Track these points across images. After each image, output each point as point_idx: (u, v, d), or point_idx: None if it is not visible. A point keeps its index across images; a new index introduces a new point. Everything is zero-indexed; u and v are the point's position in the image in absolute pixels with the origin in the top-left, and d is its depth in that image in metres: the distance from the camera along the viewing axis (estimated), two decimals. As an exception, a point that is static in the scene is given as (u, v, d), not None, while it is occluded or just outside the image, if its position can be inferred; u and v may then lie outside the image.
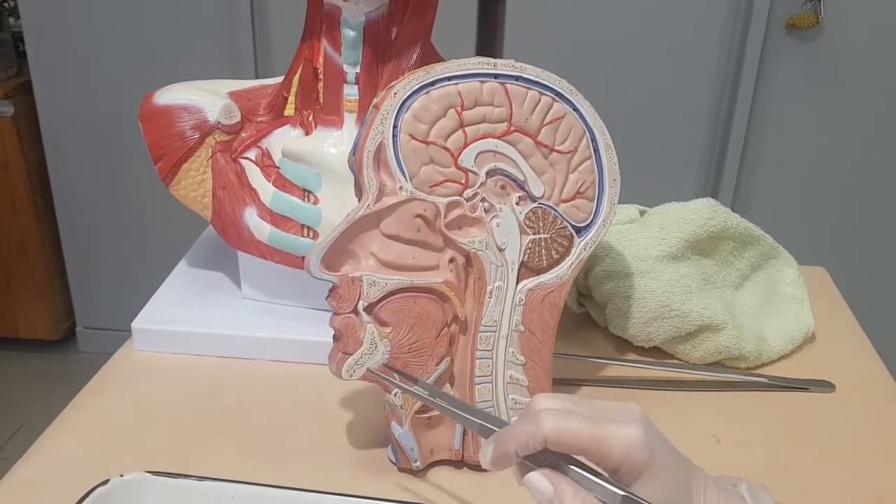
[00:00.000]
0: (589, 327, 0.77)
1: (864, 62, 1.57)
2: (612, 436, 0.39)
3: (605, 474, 0.40)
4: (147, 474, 0.51)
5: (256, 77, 1.61)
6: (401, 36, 0.66)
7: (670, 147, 1.67)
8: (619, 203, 0.77)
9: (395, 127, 0.54)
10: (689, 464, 0.42)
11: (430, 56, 0.69)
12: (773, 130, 1.64)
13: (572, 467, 0.40)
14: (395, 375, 0.55)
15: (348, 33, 0.65)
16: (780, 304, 0.76)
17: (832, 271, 0.92)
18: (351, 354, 0.55)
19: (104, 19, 1.65)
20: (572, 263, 0.59)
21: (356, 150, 0.54)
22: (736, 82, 1.59)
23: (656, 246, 0.71)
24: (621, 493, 0.39)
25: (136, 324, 0.72)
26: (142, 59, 1.68)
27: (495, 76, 0.55)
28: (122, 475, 0.50)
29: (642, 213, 0.77)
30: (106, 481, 0.50)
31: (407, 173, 0.54)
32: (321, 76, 0.67)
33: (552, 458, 0.40)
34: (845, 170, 1.67)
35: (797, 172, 1.68)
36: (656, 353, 0.74)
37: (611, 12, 1.56)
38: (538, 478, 0.40)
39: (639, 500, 0.39)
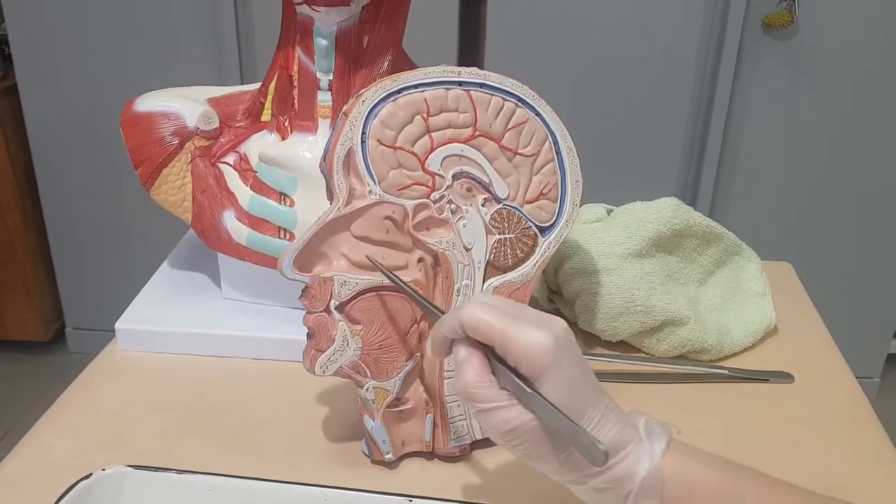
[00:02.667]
0: (559, 323, 0.80)
1: (837, 60, 1.60)
2: (519, 335, 0.44)
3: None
4: (128, 468, 0.53)
5: (242, 82, 1.64)
6: (372, 44, 0.68)
7: (651, 145, 1.70)
8: (592, 202, 0.80)
9: (363, 133, 0.56)
10: (597, 389, 0.46)
11: (402, 63, 0.71)
12: (751, 126, 1.67)
13: (492, 355, 0.46)
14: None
15: (321, 42, 0.67)
16: (742, 298, 0.79)
17: (808, 265, 0.94)
18: (323, 351, 0.57)
19: (90, 23, 1.67)
20: (537, 262, 0.62)
21: (326, 156, 0.56)
22: (714, 79, 1.61)
23: (621, 244, 0.74)
24: (526, 387, 0.44)
25: (119, 324, 0.74)
26: (127, 62, 1.69)
27: (460, 83, 0.58)
28: (104, 469, 0.53)
29: (609, 212, 0.79)
30: (89, 475, 0.52)
31: (376, 177, 0.57)
32: (296, 83, 0.70)
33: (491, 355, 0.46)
34: (822, 165, 1.70)
35: (775, 168, 1.71)
36: (623, 347, 0.76)
37: (590, 13, 1.59)
38: (463, 344, 0.47)
39: (537, 393, 0.44)
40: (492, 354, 0.46)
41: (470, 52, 1.18)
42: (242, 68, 1.67)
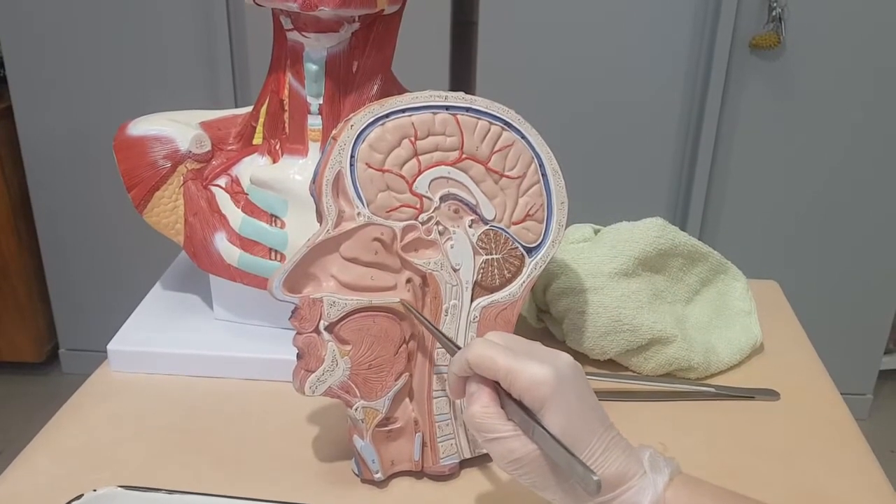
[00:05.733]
0: (548, 342, 0.79)
1: (823, 80, 1.62)
2: (522, 370, 0.47)
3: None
4: (119, 489, 0.54)
5: (236, 105, 1.65)
6: (361, 69, 0.70)
7: (640, 165, 1.71)
8: (580, 222, 0.81)
9: (352, 156, 0.57)
10: (604, 422, 0.48)
11: (391, 87, 0.72)
12: (739, 146, 1.69)
13: (501, 389, 0.49)
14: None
15: (311, 67, 0.68)
16: (728, 317, 0.80)
17: (798, 284, 0.95)
18: (313, 372, 0.58)
19: (85, 46, 1.68)
20: (524, 282, 0.63)
21: (316, 179, 0.57)
22: (703, 100, 1.63)
23: (608, 263, 0.75)
24: (531, 419, 0.47)
25: (111, 346, 0.75)
26: (122, 86, 1.71)
27: (447, 108, 0.59)
28: (95, 490, 0.53)
29: (596, 231, 0.80)
30: (80, 496, 0.53)
31: (364, 200, 0.58)
32: (287, 107, 0.71)
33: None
34: (809, 184, 1.71)
35: (763, 187, 1.72)
36: (611, 365, 0.77)
37: (579, 35, 1.61)
38: (474, 380, 0.50)
39: (540, 425, 0.46)
40: (501, 389, 0.49)
41: (461, 76, 1.20)
42: (237, 92, 1.68)
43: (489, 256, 0.61)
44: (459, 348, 0.52)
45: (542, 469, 0.47)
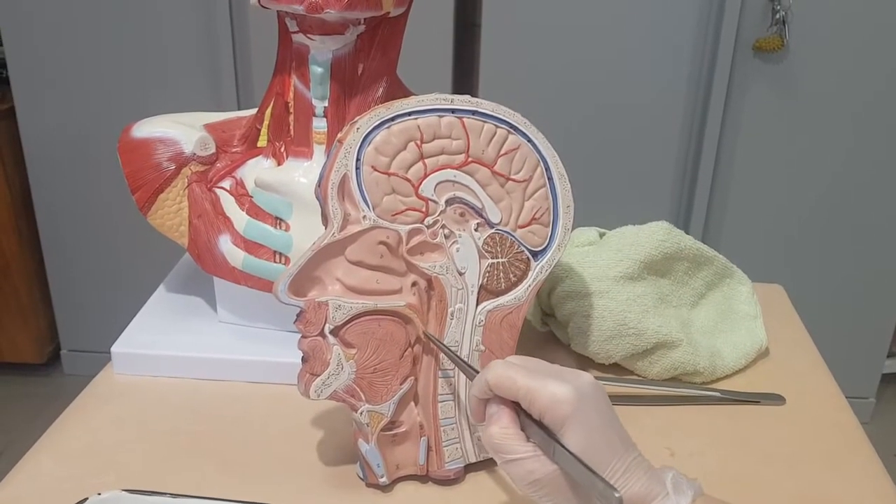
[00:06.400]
0: (553, 345, 0.80)
1: (827, 83, 1.62)
2: (542, 389, 0.47)
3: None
4: (123, 492, 0.54)
5: (239, 108, 1.65)
6: (367, 71, 0.69)
7: (643, 168, 1.71)
8: (583, 225, 0.81)
9: (357, 160, 0.57)
10: (625, 443, 0.48)
11: (397, 89, 0.72)
12: (743, 149, 1.68)
13: (521, 411, 0.49)
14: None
15: (316, 70, 0.68)
16: (734, 321, 0.80)
17: (801, 287, 0.95)
18: (318, 375, 0.57)
19: (88, 47, 1.68)
20: (529, 285, 0.62)
21: (321, 182, 0.57)
22: (706, 102, 1.63)
23: (614, 267, 0.74)
24: (551, 439, 0.47)
25: (115, 348, 0.75)
26: (125, 88, 1.70)
27: (452, 111, 0.59)
28: (99, 493, 0.53)
29: (601, 235, 0.80)
30: (84, 500, 0.52)
31: (370, 203, 0.57)
32: (292, 110, 0.71)
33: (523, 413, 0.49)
34: (813, 186, 1.71)
35: (767, 190, 1.72)
36: (616, 369, 0.77)
37: (583, 39, 1.61)
38: (494, 402, 0.50)
39: (561, 444, 0.46)
40: (521, 410, 0.49)
41: (464, 79, 1.20)
42: (239, 94, 1.68)
43: (495, 260, 0.61)
44: (477, 372, 0.52)
45: (561, 490, 0.47)
